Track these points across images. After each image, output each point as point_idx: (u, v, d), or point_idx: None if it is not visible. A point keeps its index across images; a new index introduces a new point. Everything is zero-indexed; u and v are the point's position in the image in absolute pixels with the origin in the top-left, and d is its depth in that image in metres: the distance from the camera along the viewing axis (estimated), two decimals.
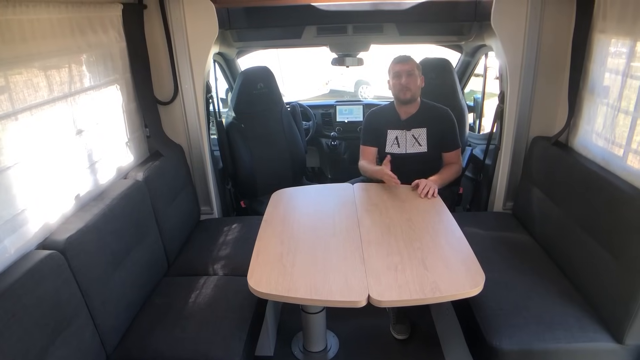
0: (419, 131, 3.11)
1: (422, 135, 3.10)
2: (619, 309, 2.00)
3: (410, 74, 3.00)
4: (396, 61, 3.07)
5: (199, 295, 2.42)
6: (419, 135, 3.11)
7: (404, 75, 3.00)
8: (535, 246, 2.75)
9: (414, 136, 3.11)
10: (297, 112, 4.28)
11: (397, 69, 3.03)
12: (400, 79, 3.01)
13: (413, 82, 3.01)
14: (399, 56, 3.09)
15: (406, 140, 3.13)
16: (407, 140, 3.12)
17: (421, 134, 3.11)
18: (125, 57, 2.76)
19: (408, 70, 3.00)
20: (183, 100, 3.12)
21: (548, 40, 2.86)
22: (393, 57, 3.10)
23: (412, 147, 3.13)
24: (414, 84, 3.02)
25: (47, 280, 1.73)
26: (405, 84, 3.00)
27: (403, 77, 3.00)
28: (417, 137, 3.11)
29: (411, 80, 3.01)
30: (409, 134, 3.12)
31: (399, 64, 3.04)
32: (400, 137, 3.13)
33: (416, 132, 3.11)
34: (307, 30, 3.66)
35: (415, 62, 3.07)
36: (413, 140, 3.12)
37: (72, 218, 2.09)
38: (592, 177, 2.36)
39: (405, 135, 3.12)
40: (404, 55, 3.09)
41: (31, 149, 1.92)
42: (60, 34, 2.15)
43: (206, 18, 2.91)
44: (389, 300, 1.91)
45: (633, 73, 2.23)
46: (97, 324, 1.98)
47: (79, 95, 2.28)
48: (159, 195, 2.72)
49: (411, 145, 3.12)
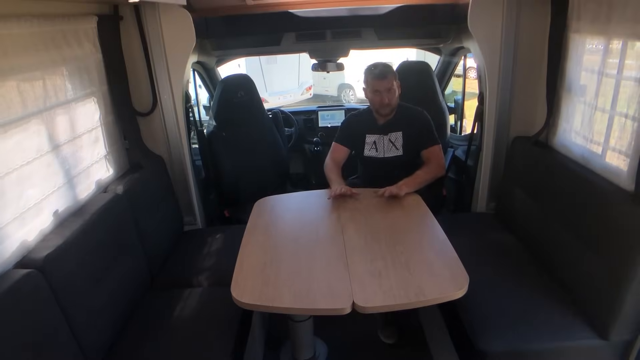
0: (395, 135, 3.08)
1: (398, 138, 3.08)
2: (603, 305, 2.02)
3: (389, 90, 2.92)
4: (374, 76, 2.94)
5: (184, 308, 2.40)
6: (396, 139, 3.08)
7: (384, 92, 2.92)
8: (518, 246, 2.76)
9: (391, 140, 3.09)
10: (279, 118, 4.28)
11: (375, 86, 2.94)
12: (380, 96, 2.94)
13: (392, 96, 2.94)
14: (377, 70, 2.94)
15: (384, 145, 3.10)
16: (385, 145, 3.10)
17: (397, 137, 3.08)
18: (101, 69, 2.72)
19: (387, 86, 2.91)
20: (162, 111, 3.10)
21: (525, 40, 2.89)
22: (368, 65, 3.00)
23: (390, 151, 3.10)
24: (392, 98, 2.95)
25: (26, 300, 1.69)
26: (387, 101, 2.94)
27: (383, 95, 2.93)
28: (393, 141, 3.09)
29: (389, 95, 2.93)
30: (386, 139, 3.09)
31: (377, 80, 2.93)
32: (378, 142, 3.11)
33: (392, 136, 3.09)
34: (285, 37, 3.66)
35: (393, 73, 2.98)
36: (390, 144, 3.09)
37: (50, 235, 2.05)
38: (573, 175, 2.38)
39: (383, 139, 3.10)
40: (382, 68, 2.95)
41: (6, 166, 1.87)
42: (33, 48, 2.10)
43: (183, 27, 2.89)
44: (373, 306, 1.90)
45: (608, 71, 2.26)
46: (80, 342, 1.93)
47: (54, 110, 2.24)
48: (141, 208, 2.69)
49: (389, 149, 3.10)
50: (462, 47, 3.71)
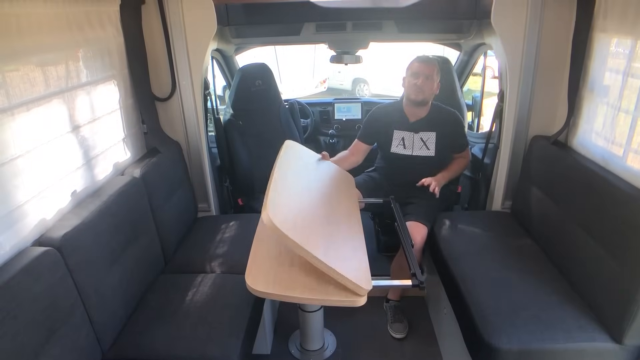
0: (428, 135, 3.08)
1: (430, 139, 3.08)
2: (618, 308, 1.99)
3: (428, 77, 2.96)
4: (419, 60, 3.02)
5: (196, 293, 2.40)
6: (428, 139, 3.08)
7: (422, 77, 2.96)
8: (533, 246, 2.74)
9: (422, 139, 3.09)
10: (295, 109, 4.28)
11: (416, 69, 2.98)
12: (417, 79, 2.97)
13: (429, 85, 2.97)
14: (423, 56, 3.05)
15: (413, 143, 3.10)
16: (415, 143, 3.10)
17: (430, 137, 3.08)
18: (122, 53, 2.74)
19: (427, 73, 2.96)
20: (181, 97, 3.10)
21: (548, 38, 2.85)
22: (416, 56, 3.07)
23: (420, 150, 3.10)
24: (429, 88, 2.98)
25: (43, 278, 1.71)
26: (421, 85, 2.96)
27: (420, 78, 2.96)
28: (425, 140, 3.09)
29: (427, 84, 2.97)
30: (416, 137, 3.09)
31: (421, 63, 2.99)
32: (407, 139, 3.11)
33: (424, 135, 3.09)
34: (305, 27, 3.64)
35: (437, 66, 3.03)
36: (421, 143, 3.09)
37: (68, 215, 2.07)
38: (592, 176, 2.35)
39: (413, 137, 3.09)
40: (429, 56, 3.05)
41: (27, 145, 1.89)
42: (57, 28, 2.13)
43: (204, 14, 2.89)
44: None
45: (634, 72, 2.22)
46: (92, 322, 1.96)
47: (75, 91, 2.26)
48: (156, 192, 2.70)
49: (419, 147, 3.10)
50: (484, 43, 3.66)
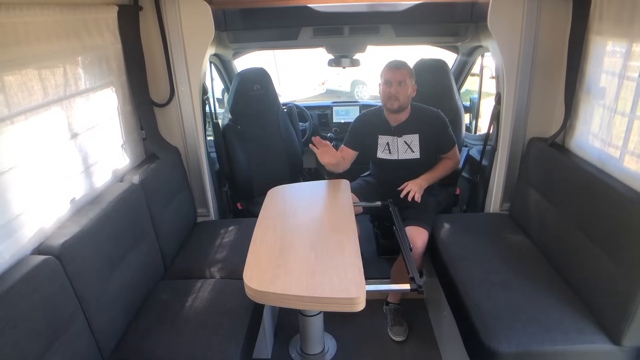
0: (411, 137, 3.05)
1: (414, 141, 3.05)
2: (617, 310, 2.00)
3: (400, 83, 2.91)
4: (389, 67, 2.97)
5: (195, 298, 2.41)
6: (412, 142, 3.06)
7: (394, 84, 2.91)
8: (532, 248, 2.74)
9: (406, 142, 3.06)
10: (294, 113, 4.29)
11: (388, 76, 2.94)
12: (390, 87, 2.93)
13: (403, 91, 2.92)
14: (393, 61, 2.99)
15: (398, 147, 3.08)
16: (399, 147, 3.08)
17: (413, 140, 3.05)
18: (120, 59, 2.75)
19: (399, 79, 2.91)
20: (179, 102, 3.11)
21: (544, 41, 2.86)
22: (388, 61, 3.02)
23: (405, 154, 3.08)
24: (404, 94, 2.93)
25: (43, 286, 1.71)
26: (395, 93, 2.92)
27: (393, 86, 2.92)
28: (409, 143, 3.06)
29: (401, 90, 2.92)
30: (400, 140, 3.07)
31: (392, 70, 2.94)
32: (391, 144, 3.09)
33: (408, 138, 3.06)
34: (303, 32, 3.65)
35: (409, 70, 2.98)
36: (405, 146, 3.07)
37: (67, 222, 2.08)
38: (589, 178, 2.35)
39: (397, 141, 3.07)
40: (399, 61, 2.99)
41: (26, 153, 1.90)
42: (55, 36, 2.13)
43: (202, 19, 2.90)
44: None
45: (629, 74, 2.22)
46: (93, 329, 1.97)
47: (74, 98, 2.26)
48: (156, 198, 2.71)
49: (403, 151, 3.08)
50: (480, 46, 3.68)
